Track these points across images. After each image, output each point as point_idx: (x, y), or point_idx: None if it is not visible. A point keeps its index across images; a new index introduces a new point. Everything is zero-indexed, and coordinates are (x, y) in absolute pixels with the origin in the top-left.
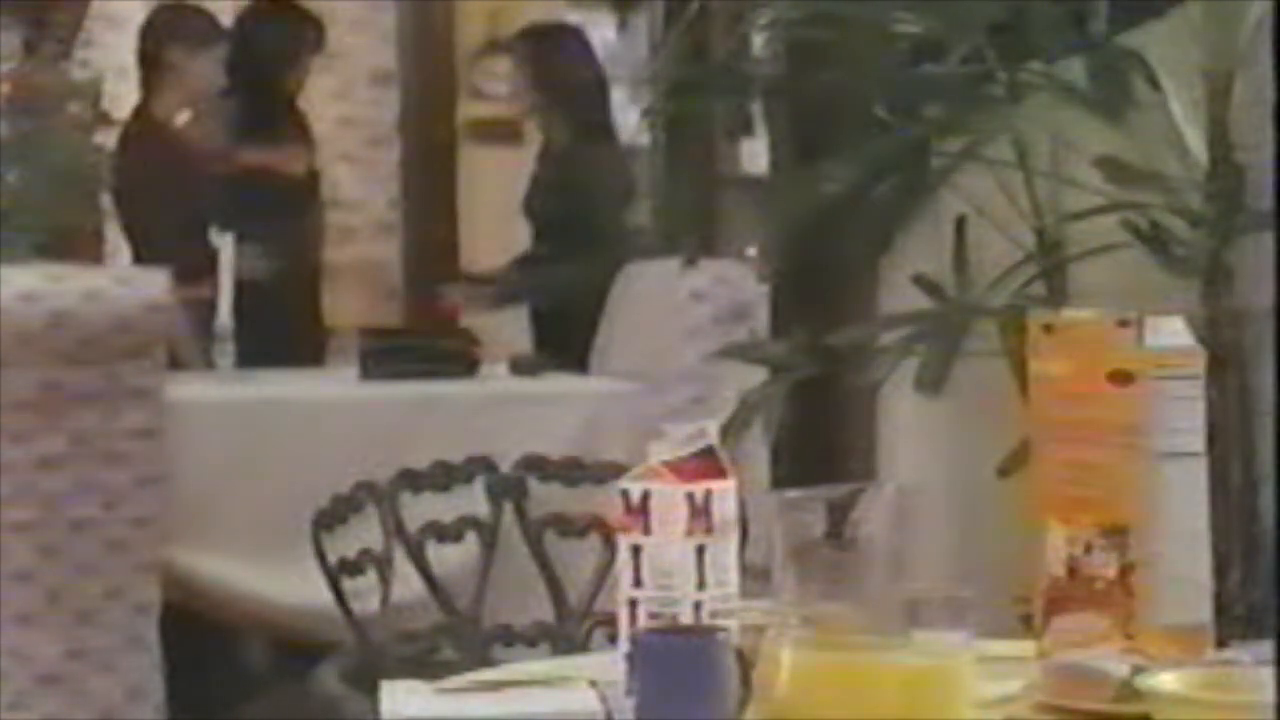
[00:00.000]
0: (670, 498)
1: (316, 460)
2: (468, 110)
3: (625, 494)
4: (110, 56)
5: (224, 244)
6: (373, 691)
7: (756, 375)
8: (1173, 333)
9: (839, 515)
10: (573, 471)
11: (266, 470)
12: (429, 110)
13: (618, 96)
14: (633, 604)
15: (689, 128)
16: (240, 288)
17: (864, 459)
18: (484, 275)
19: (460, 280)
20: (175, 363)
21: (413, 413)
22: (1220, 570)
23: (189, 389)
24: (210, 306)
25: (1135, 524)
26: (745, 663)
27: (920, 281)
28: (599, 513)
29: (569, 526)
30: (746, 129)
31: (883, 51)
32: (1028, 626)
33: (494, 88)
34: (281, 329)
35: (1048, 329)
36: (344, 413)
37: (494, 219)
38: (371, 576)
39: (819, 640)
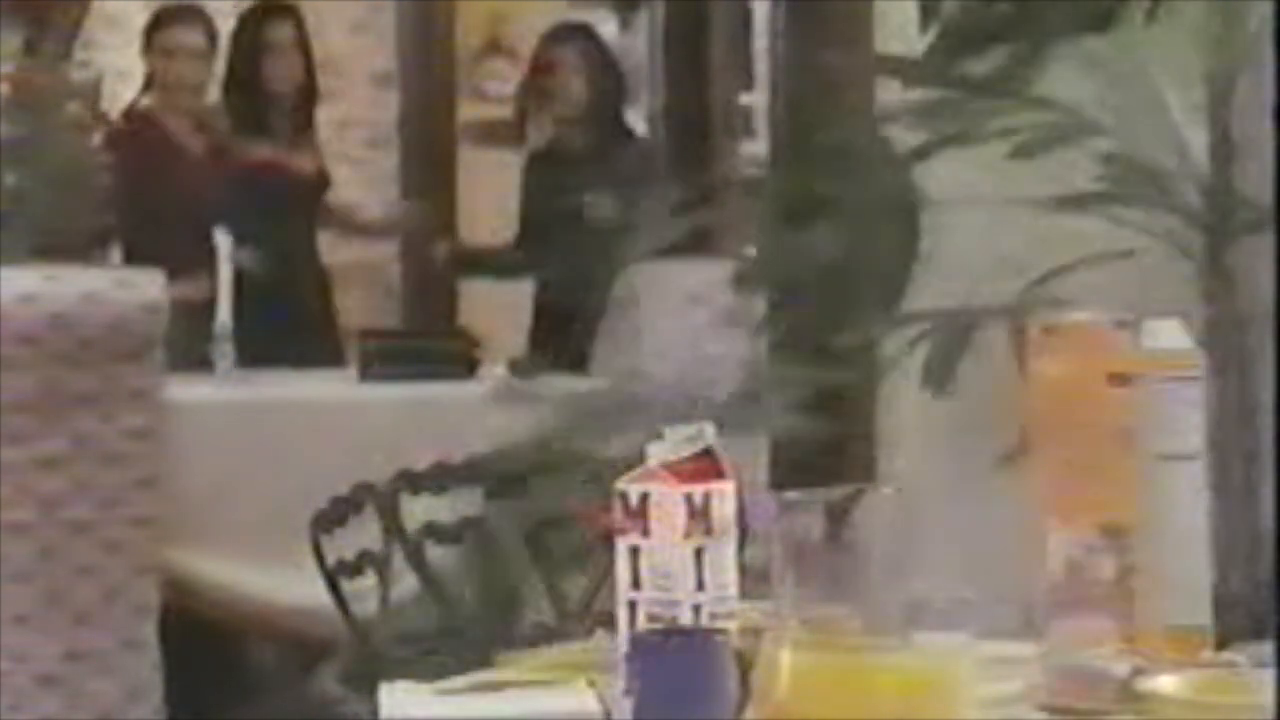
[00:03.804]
0: (668, 499)
1: (315, 461)
2: (468, 112)
3: (624, 495)
4: (110, 56)
5: (223, 244)
6: (372, 692)
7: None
8: (1171, 334)
9: (838, 517)
10: (570, 473)
11: (265, 471)
12: (429, 112)
13: None
14: (631, 606)
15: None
16: (247, 286)
17: (864, 460)
18: (484, 249)
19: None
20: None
21: (412, 414)
22: (1221, 572)
23: (188, 390)
24: (206, 306)
25: (1134, 526)
26: (744, 664)
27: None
28: (598, 514)
29: (568, 528)
30: (747, 130)
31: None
32: (1028, 628)
33: (494, 89)
34: (291, 329)
35: (1048, 330)
36: (343, 414)
37: (494, 220)
38: (370, 577)
39: (818, 642)
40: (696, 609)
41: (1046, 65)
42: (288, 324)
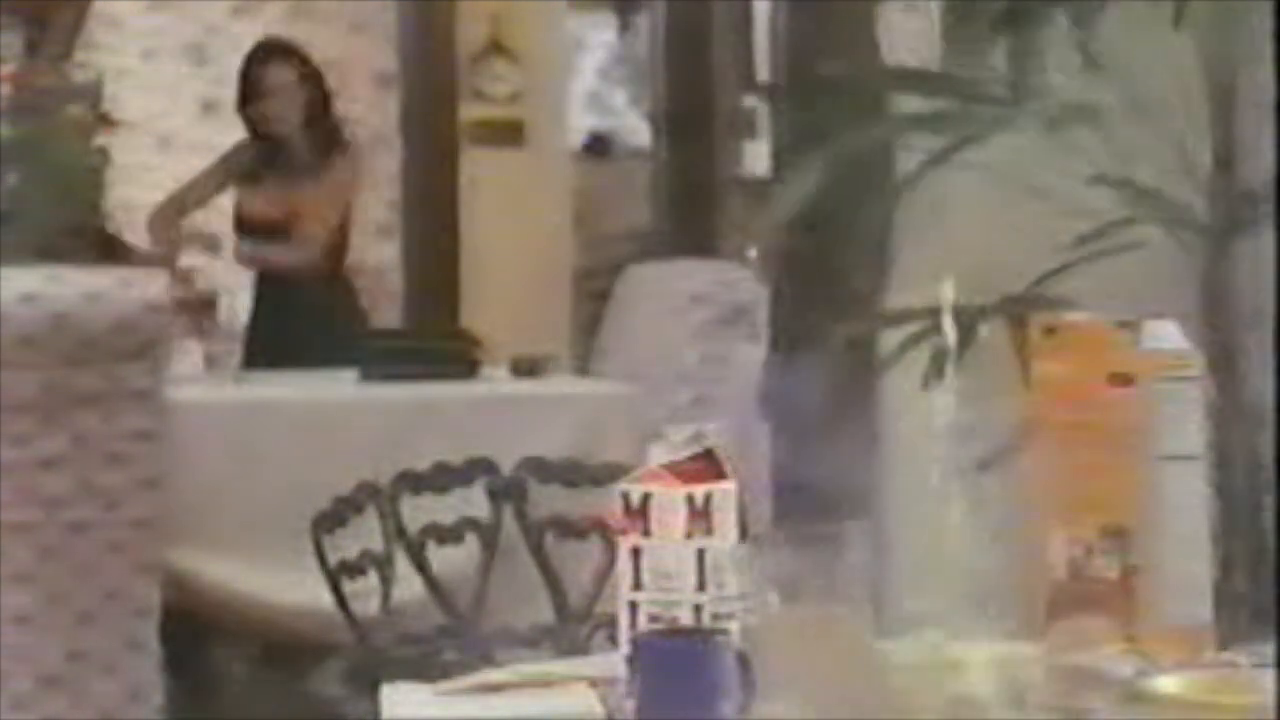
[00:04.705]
0: (670, 500)
1: (317, 462)
2: (469, 112)
3: (625, 496)
4: (110, 58)
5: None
6: (373, 693)
7: (757, 378)
8: (1171, 335)
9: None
10: (573, 473)
11: (267, 472)
12: (430, 112)
13: (619, 98)
14: (633, 606)
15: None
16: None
17: (865, 460)
18: None
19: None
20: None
21: (413, 414)
22: (1225, 573)
23: (189, 390)
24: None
25: (1135, 526)
26: (746, 664)
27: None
28: (599, 514)
29: (569, 528)
30: (749, 130)
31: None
32: (1028, 628)
33: (494, 89)
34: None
35: (1049, 331)
36: (344, 414)
37: (495, 220)
38: (372, 578)
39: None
40: (698, 609)
41: (1045, 64)
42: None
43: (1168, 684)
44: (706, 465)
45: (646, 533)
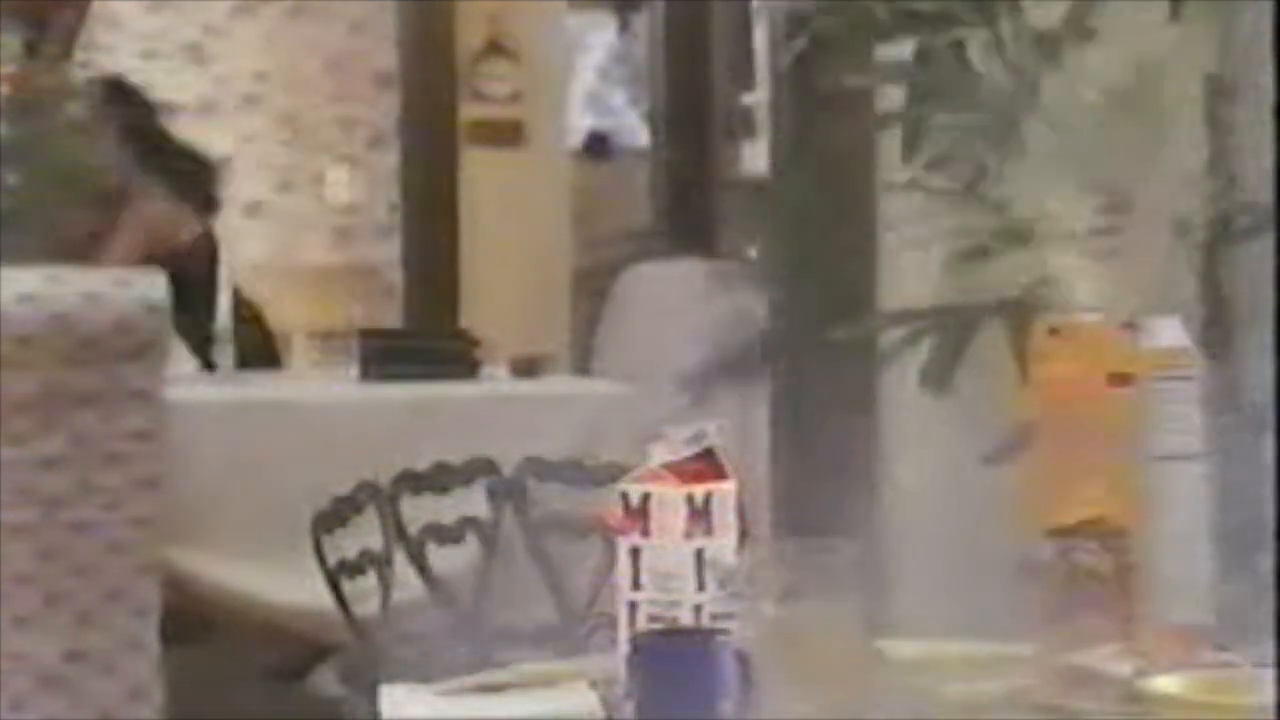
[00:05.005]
0: (670, 500)
1: (316, 462)
2: (468, 112)
3: (625, 496)
4: (110, 58)
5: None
6: (372, 693)
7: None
8: (1171, 335)
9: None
10: (573, 473)
11: (266, 472)
12: (429, 112)
13: (619, 98)
14: (632, 606)
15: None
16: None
17: (864, 458)
18: None
19: None
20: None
21: (413, 414)
22: (1225, 573)
23: (189, 390)
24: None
25: (1134, 525)
26: (746, 664)
27: None
28: (599, 514)
29: (569, 528)
30: (748, 130)
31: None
32: (1028, 628)
33: (494, 89)
34: None
35: (1049, 331)
36: (344, 414)
37: (494, 221)
38: (372, 578)
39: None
40: (697, 610)
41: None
42: None
43: (1166, 684)
44: (706, 465)
45: (646, 533)
